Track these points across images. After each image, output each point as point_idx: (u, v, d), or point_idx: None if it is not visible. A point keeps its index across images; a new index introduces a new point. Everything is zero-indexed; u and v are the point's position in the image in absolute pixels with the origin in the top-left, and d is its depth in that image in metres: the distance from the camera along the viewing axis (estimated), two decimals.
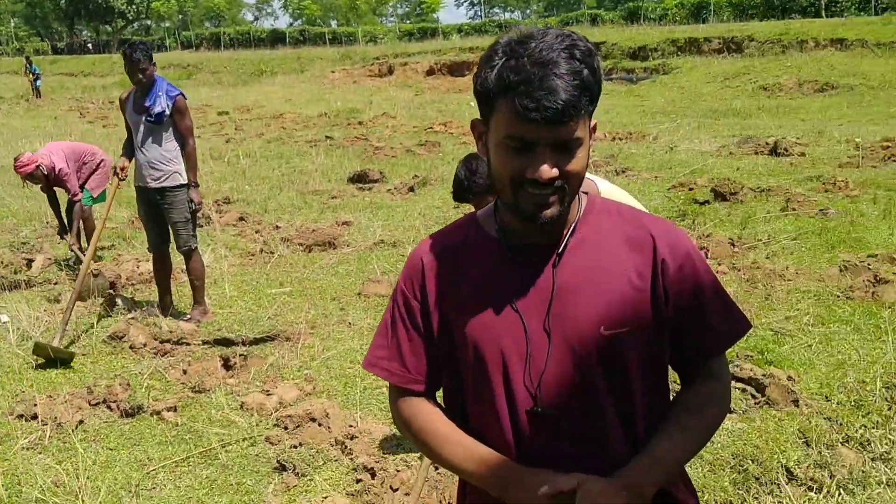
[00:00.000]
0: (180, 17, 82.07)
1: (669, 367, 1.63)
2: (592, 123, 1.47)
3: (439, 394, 1.68)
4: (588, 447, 1.52)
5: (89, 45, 64.72)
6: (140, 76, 5.55)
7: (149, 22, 79.07)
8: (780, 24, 29.25)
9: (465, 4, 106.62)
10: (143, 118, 5.64)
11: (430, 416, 1.61)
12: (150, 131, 5.67)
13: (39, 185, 7.59)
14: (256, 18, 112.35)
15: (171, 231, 5.90)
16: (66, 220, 7.71)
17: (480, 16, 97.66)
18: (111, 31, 68.68)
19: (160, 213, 5.85)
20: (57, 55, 57.94)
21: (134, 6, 65.17)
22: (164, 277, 6.13)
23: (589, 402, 1.51)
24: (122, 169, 5.84)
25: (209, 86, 36.26)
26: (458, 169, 3.69)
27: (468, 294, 1.56)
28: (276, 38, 58.47)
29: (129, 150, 5.87)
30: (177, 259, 6.38)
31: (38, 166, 7.16)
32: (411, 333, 1.61)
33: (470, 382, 1.58)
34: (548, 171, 1.39)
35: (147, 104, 5.58)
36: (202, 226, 9.05)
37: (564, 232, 1.53)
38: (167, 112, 5.61)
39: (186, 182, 5.82)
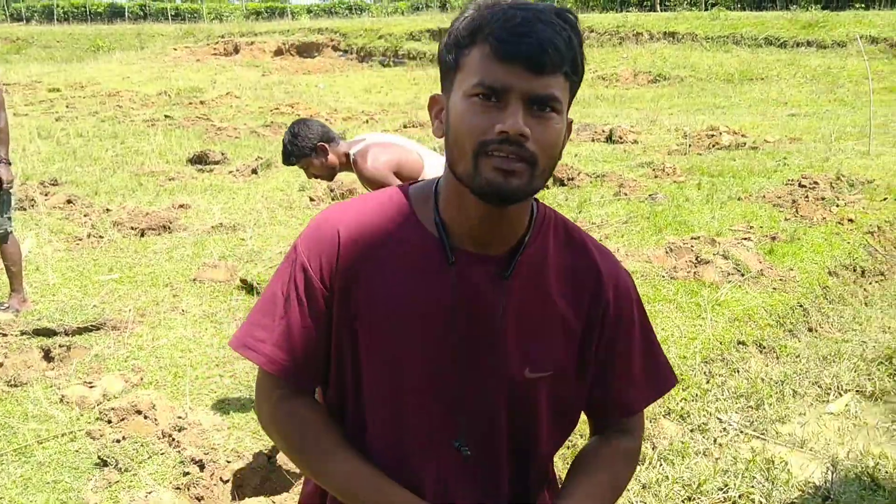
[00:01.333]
0: None
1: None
2: (568, 117, 1.26)
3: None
4: (485, 488, 1.38)
5: None
6: None
7: None
8: (619, 16, 30.41)
9: None
10: None
11: (326, 427, 1.35)
12: None
13: None
14: None
15: None
16: None
17: None
18: None
19: None
20: None
21: None
22: None
23: (493, 442, 1.36)
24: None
25: (40, 61, 33.99)
26: (285, 133, 3.79)
27: (392, 299, 1.29)
28: (114, 13, 55.47)
29: None
30: None
31: None
32: (306, 320, 1.32)
33: (378, 403, 1.34)
34: (518, 122, 1.15)
35: None
36: (24, 209, 8.50)
37: (508, 246, 1.31)
38: None
39: None
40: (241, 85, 23.33)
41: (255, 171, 10.55)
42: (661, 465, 3.78)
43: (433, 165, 3.91)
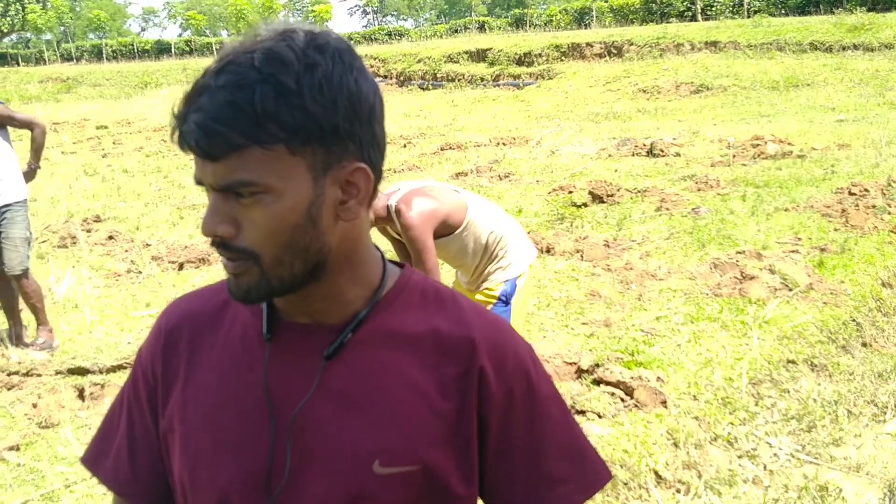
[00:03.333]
0: (61, 29, 78.95)
1: None
2: (346, 170, 1.00)
3: None
4: None
5: None
6: None
7: (28, 34, 75.78)
8: (658, 28, 30.16)
9: (359, 13, 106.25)
10: None
11: None
12: None
13: None
14: (143, 30, 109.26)
15: (3, 250, 5.44)
16: None
17: (374, 24, 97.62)
18: None
19: None
20: None
21: (8, 18, 62.27)
22: (11, 301, 5.69)
23: None
24: None
25: (90, 99, 34.88)
26: None
27: (209, 392, 1.11)
28: (161, 50, 56.91)
29: None
30: None
31: None
32: (137, 423, 1.17)
33: None
34: (209, 220, 0.99)
35: None
36: (66, 246, 8.61)
37: (346, 317, 1.09)
38: None
39: (26, 197, 5.48)
40: None
41: None
42: (707, 494, 3.60)
43: (477, 205, 3.75)
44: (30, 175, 5.69)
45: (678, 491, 3.64)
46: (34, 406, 4.69)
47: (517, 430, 1.11)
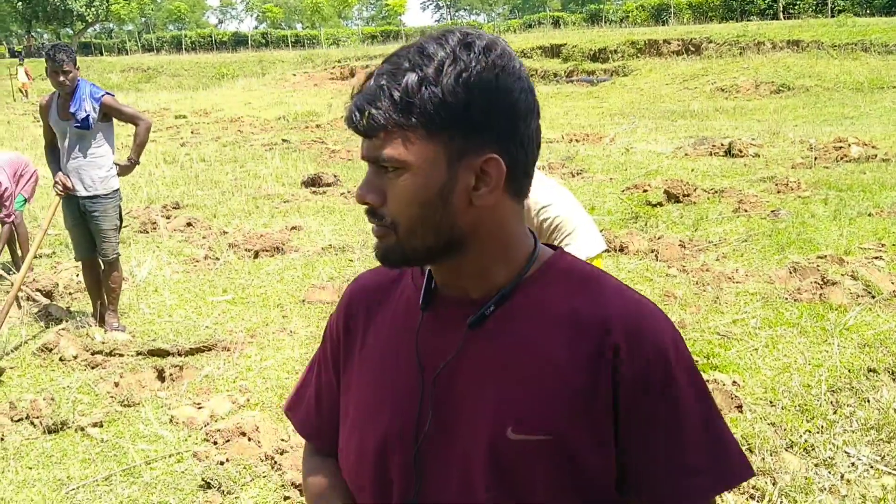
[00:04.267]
0: (143, 20, 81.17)
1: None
2: (480, 159, 1.08)
3: None
4: None
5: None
6: (63, 79, 5.29)
7: (111, 25, 78.08)
8: (739, 25, 29.53)
9: (431, 7, 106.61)
10: (70, 125, 5.41)
11: (324, 478, 1.32)
12: (79, 138, 5.44)
13: None
14: (220, 22, 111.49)
15: (96, 238, 5.67)
16: None
17: (447, 18, 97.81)
18: (71, 34, 67.64)
19: (88, 221, 5.65)
20: (13, 58, 56.90)
21: (93, 9, 64.17)
22: (96, 285, 5.91)
23: None
24: (65, 187, 5.47)
25: (169, 89, 35.80)
26: None
27: (373, 346, 1.27)
28: (238, 41, 58.06)
29: (55, 157, 5.67)
30: None
31: None
32: (324, 379, 1.35)
33: (343, 467, 1.30)
34: (361, 188, 1.13)
35: (72, 110, 5.35)
36: (147, 231, 8.86)
37: (491, 292, 1.17)
38: (94, 116, 5.39)
39: (118, 188, 5.65)
40: None
41: None
42: (782, 502, 3.52)
43: (547, 189, 3.77)
44: (127, 169, 5.83)
45: (752, 497, 3.57)
46: (116, 385, 4.85)
47: (652, 415, 1.11)
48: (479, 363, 1.15)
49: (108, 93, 5.55)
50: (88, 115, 5.35)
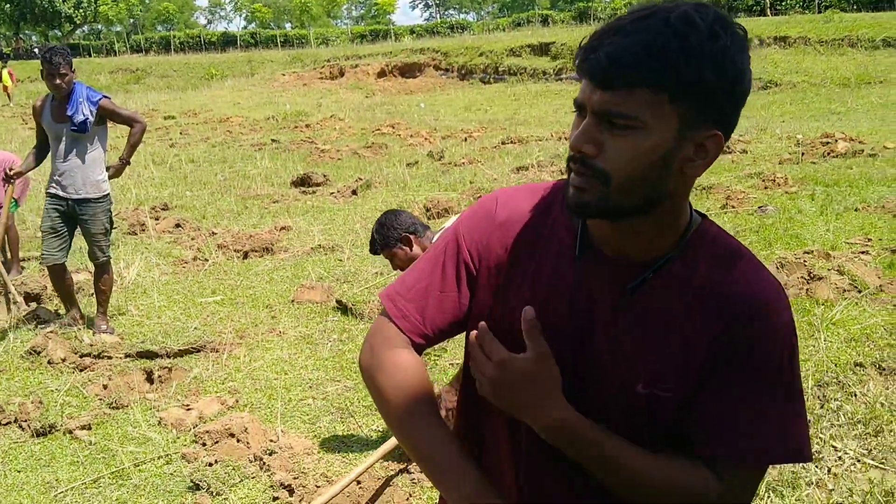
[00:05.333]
0: (131, 21, 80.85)
1: None
2: (705, 133, 1.14)
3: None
4: (575, 488, 1.31)
5: (35, 51, 63.14)
6: (59, 81, 5.27)
7: (99, 26, 77.73)
8: None
9: (420, 6, 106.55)
10: (66, 127, 5.38)
11: (424, 390, 1.34)
12: (74, 141, 5.42)
13: None
14: (209, 22, 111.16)
15: (87, 242, 5.66)
16: None
17: (436, 17, 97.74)
18: (60, 35, 67.31)
19: (73, 224, 5.61)
20: (1, 60, 56.53)
21: (81, 10, 63.86)
22: (69, 289, 5.83)
23: None
24: (17, 175, 5.56)
25: (158, 90, 35.66)
26: (375, 222, 3.76)
27: (521, 282, 1.31)
28: (227, 42, 57.87)
29: (38, 158, 5.66)
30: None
31: None
32: (446, 284, 1.38)
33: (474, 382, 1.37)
34: (578, 137, 1.14)
35: (69, 112, 5.32)
36: (135, 233, 8.84)
37: (650, 258, 1.24)
38: (91, 119, 5.37)
39: (108, 192, 5.65)
40: (345, 107, 23.80)
41: (354, 192, 10.67)
42: (769, 497, 3.54)
43: None
44: (119, 170, 5.81)
45: None
46: (105, 387, 4.85)
47: (740, 382, 1.21)
48: (624, 323, 1.24)
49: (105, 95, 5.54)
50: (86, 119, 5.33)
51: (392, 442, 3.54)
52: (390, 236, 3.69)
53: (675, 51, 1.07)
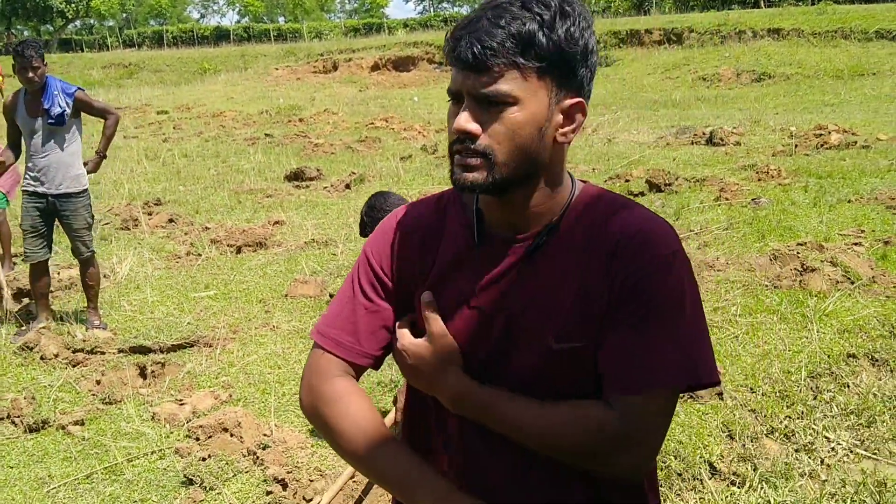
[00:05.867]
0: (123, 15, 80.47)
1: None
2: (570, 101, 1.27)
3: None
4: (517, 467, 1.37)
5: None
6: (31, 74, 5.24)
7: (91, 21, 77.39)
8: (720, 14, 29.61)
9: (414, 0, 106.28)
10: (43, 121, 5.35)
11: (360, 403, 1.40)
12: (51, 134, 5.39)
13: None
14: (202, 16, 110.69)
15: (70, 238, 5.62)
16: None
17: (429, 11, 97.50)
18: (52, 30, 67.03)
19: (52, 220, 5.58)
20: None
21: (73, 5, 63.57)
22: (45, 288, 5.77)
23: None
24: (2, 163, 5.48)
25: (151, 85, 35.49)
26: (364, 205, 3.73)
27: (434, 279, 1.41)
28: (220, 36, 57.63)
29: (15, 154, 5.63)
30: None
31: None
32: (370, 304, 1.45)
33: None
34: (461, 120, 1.24)
35: (46, 105, 5.30)
36: (128, 228, 8.81)
37: (540, 227, 1.35)
38: (68, 111, 5.35)
39: (87, 187, 5.63)
40: (339, 101, 23.72)
41: (348, 186, 10.66)
42: (762, 488, 3.55)
43: None
44: (97, 164, 5.80)
45: (733, 483, 3.60)
46: (98, 382, 4.83)
47: (634, 313, 1.27)
48: (527, 288, 1.33)
49: (79, 88, 5.52)
50: (63, 111, 5.31)
51: None
52: (379, 218, 3.69)
53: (536, 30, 1.20)
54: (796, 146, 11.00)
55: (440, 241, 1.43)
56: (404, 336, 1.39)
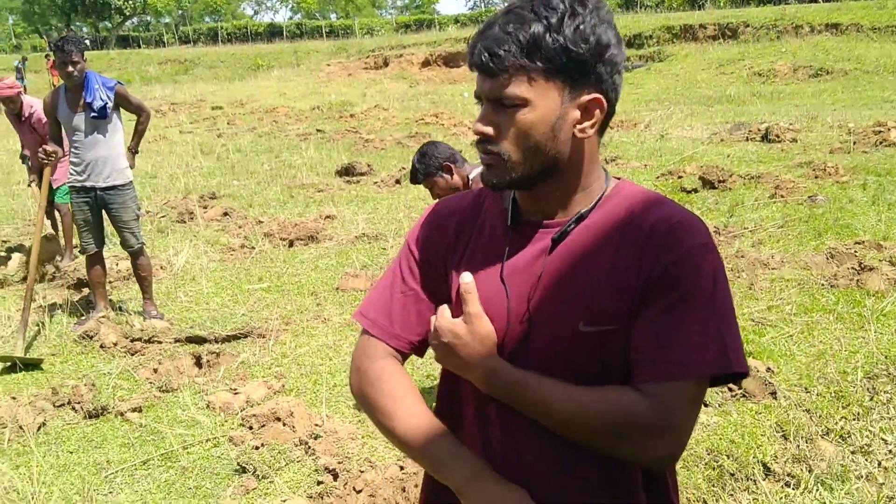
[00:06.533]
0: (179, 12, 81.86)
1: None
2: (586, 98, 1.31)
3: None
4: (550, 448, 1.38)
5: (86, 42, 64.01)
6: (72, 69, 5.33)
7: (148, 18, 78.88)
8: (776, 9, 29.03)
9: None
10: (86, 115, 5.45)
11: (400, 382, 1.47)
12: (95, 127, 5.48)
13: (9, 113, 7.39)
14: (256, 13, 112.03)
15: (119, 230, 5.72)
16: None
17: (480, 6, 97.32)
18: (110, 27, 68.47)
19: (101, 213, 5.70)
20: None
21: (130, 2, 64.80)
22: (102, 277, 5.91)
23: None
24: (46, 152, 5.46)
25: (205, 81, 36.08)
26: (415, 153, 3.86)
27: (467, 262, 1.46)
28: (273, 32, 58.28)
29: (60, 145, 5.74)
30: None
31: (19, 93, 7.19)
32: (407, 289, 1.52)
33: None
34: (479, 122, 1.34)
35: (88, 100, 5.39)
36: (184, 221, 8.98)
37: (570, 216, 1.40)
38: (110, 104, 5.46)
39: (132, 179, 5.74)
40: (389, 97, 23.84)
41: (398, 182, 10.71)
42: (818, 489, 3.49)
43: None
44: (130, 160, 5.87)
45: (787, 485, 3.54)
46: (155, 371, 4.94)
47: (664, 304, 1.29)
48: (558, 273, 1.37)
49: (118, 82, 5.61)
50: (106, 104, 5.41)
51: None
52: (431, 164, 3.84)
53: (541, 33, 1.25)
54: (854, 143, 10.76)
55: (475, 226, 1.49)
56: (442, 315, 1.42)
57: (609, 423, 1.28)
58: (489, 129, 1.33)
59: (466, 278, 1.39)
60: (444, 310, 1.43)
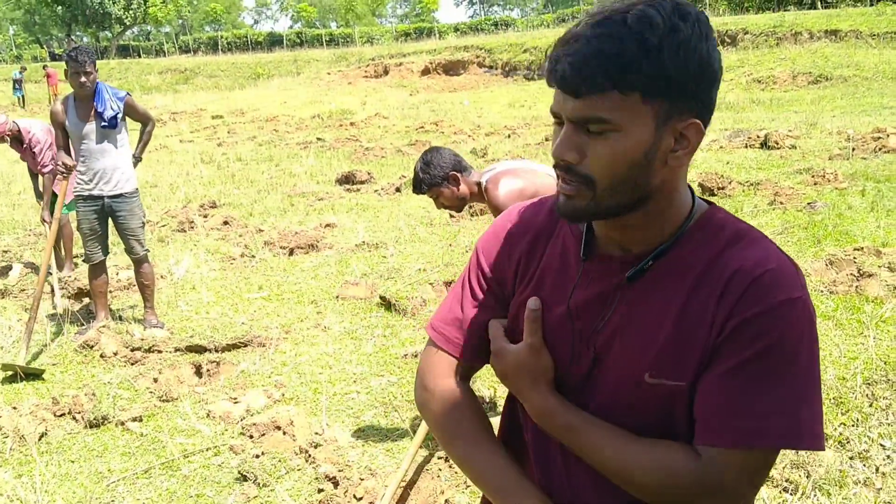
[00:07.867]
0: (179, 22, 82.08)
1: None
2: (683, 124, 1.15)
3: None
4: (609, 493, 1.30)
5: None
6: (84, 80, 5.38)
7: (148, 27, 79.08)
8: (775, 16, 29.11)
9: (465, 3, 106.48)
10: (96, 124, 5.50)
11: (475, 414, 1.43)
12: (104, 137, 5.54)
13: (12, 145, 7.37)
14: (256, 22, 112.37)
15: (125, 238, 5.75)
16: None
17: (480, 14, 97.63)
18: (110, 37, 68.60)
19: (107, 222, 5.74)
20: (55, 62, 57.71)
21: (131, 12, 64.95)
22: (105, 286, 5.94)
23: None
24: (66, 166, 5.57)
25: (206, 90, 36.19)
26: (417, 161, 3.70)
27: (536, 282, 1.37)
28: (273, 41, 58.44)
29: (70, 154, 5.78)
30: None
31: (5, 123, 7.10)
32: (476, 302, 1.44)
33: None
34: (560, 146, 1.17)
35: (99, 109, 5.45)
36: (184, 230, 9.00)
37: (649, 249, 1.25)
38: (120, 114, 5.51)
39: (137, 186, 5.79)
40: (389, 105, 23.90)
41: (398, 190, 10.74)
42: (815, 495, 3.50)
43: (501, 169, 3.75)
44: (133, 167, 5.91)
45: (785, 490, 3.55)
46: (155, 380, 4.96)
47: (733, 362, 1.16)
48: (627, 313, 1.25)
49: (128, 93, 5.67)
50: (116, 114, 5.46)
51: (424, 429, 3.56)
52: (436, 175, 3.61)
53: (636, 51, 1.08)
54: (854, 150, 10.78)
55: (549, 245, 1.38)
56: (498, 338, 1.37)
57: (655, 481, 1.20)
58: (571, 156, 1.16)
59: (534, 304, 1.31)
60: (497, 328, 1.38)
